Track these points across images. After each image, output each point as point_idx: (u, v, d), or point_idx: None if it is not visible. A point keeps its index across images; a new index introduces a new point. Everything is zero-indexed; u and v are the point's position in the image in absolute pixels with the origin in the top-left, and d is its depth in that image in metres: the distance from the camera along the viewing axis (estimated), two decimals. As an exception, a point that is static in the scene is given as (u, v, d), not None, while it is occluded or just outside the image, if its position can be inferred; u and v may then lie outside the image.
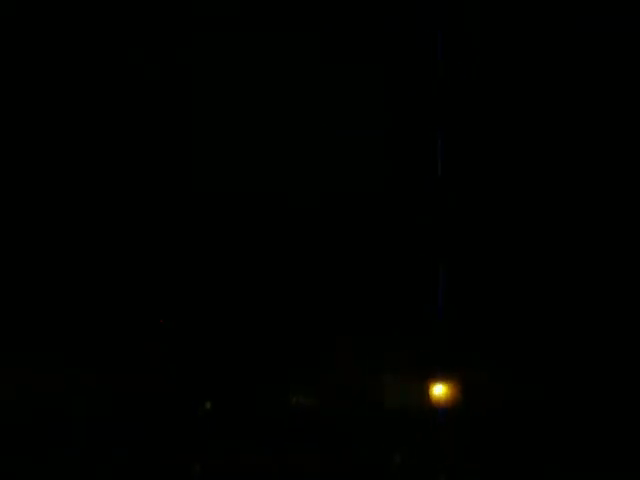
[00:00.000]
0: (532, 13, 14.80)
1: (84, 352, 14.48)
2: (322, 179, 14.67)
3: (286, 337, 14.73)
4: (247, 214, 14.80)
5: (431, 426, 14.42)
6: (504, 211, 14.72)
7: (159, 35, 14.84)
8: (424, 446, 14.38)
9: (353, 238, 14.81)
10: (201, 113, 14.83)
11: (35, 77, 14.79)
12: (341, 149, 14.76)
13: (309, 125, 14.78)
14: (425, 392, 14.48)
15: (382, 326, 14.59)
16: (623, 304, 14.49)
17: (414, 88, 14.87)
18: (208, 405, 14.62)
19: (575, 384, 14.34)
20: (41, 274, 14.66)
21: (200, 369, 14.71)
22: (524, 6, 14.80)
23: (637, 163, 14.73)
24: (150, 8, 14.77)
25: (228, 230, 14.86)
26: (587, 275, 14.53)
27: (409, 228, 14.78)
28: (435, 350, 14.51)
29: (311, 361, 14.67)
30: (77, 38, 14.76)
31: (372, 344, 14.59)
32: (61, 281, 14.67)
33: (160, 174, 14.86)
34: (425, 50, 14.88)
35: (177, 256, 14.79)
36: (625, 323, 14.46)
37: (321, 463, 14.30)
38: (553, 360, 14.48)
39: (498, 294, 14.61)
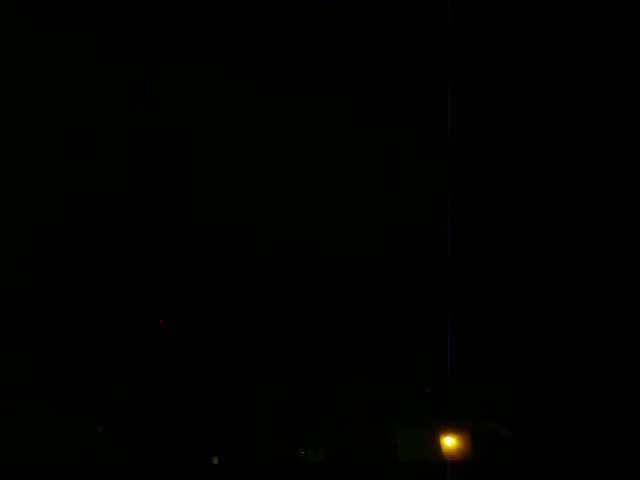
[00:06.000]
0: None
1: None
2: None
3: (297, 388, 14.68)
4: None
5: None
6: (511, 269, 14.19)
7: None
8: None
9: (364, 289, 14.87)
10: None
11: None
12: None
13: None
14: (437, 443, 14.33)
15: (394, 377, 14.62)
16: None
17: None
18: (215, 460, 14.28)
19: (587, 433, 13.97)
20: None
21: (207, 418, 14.36)
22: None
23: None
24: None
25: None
26: (602, 319, 13.90)
27: (418, 278, 14.71)
28: (446, 401, 14.42)
29: (322, 413, 14.59)
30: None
31: (384, 395, 14.62)
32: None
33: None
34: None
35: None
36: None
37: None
38: (564, 409, 14.23)
39: (508, 343, 14.48)
